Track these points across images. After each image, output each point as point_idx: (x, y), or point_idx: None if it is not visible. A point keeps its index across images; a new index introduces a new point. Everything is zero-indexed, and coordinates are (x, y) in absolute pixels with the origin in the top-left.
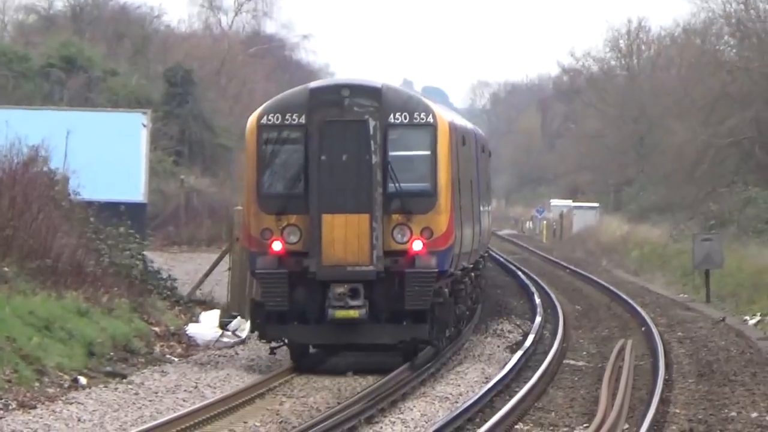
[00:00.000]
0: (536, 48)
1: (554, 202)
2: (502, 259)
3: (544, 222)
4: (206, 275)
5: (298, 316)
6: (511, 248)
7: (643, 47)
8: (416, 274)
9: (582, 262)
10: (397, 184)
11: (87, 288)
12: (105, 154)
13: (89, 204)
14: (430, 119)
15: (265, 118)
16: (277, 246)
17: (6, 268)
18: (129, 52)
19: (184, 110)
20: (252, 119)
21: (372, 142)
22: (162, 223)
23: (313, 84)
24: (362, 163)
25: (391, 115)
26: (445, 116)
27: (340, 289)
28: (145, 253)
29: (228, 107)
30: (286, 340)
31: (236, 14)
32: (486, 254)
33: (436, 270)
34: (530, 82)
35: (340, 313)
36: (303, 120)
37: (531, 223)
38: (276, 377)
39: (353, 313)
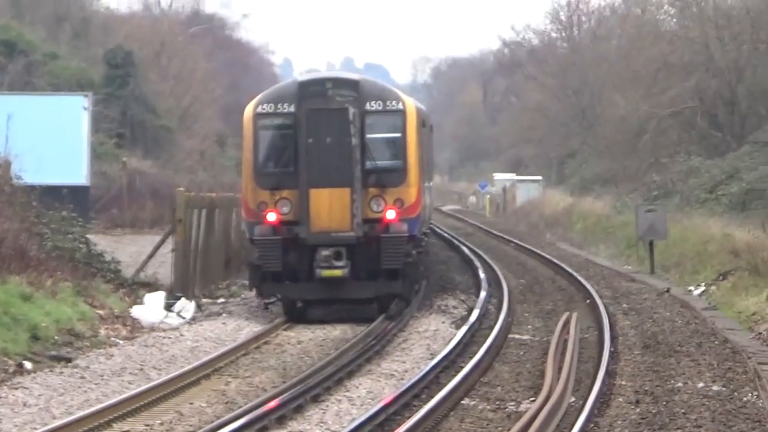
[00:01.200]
0: (477, 22)
1: (497, 176)
2: (446, 235)
3: (488, 196)
4: (150, 257)
5: (290, 276)
6: (454, 223)
7: (583, 18)
8: (390, 239)
9: (526, 236)
10: (373, 162)
11: (30, 272)
12: (47, 138)
13: (32, 188)
14: (400, 106)
15: (260, 107)
16: (271, 216)
17: None
18: (69, 35)
19: (126, 92)
20: (249, 108)
21: (352, 126)
22: (105, 206)
23: (301, 77)
24: (344, 145)
25: (368, 103)
26: (411, 103)
27: (326, 252)
28: (88, 236)
29: (169, 88)
30: (279, 296)
31: None
32: (429, 230)
33: (407, 234)
34: (471, 56)
35: (327, 273)
36: (293, 108)
37: (474, 197)
38: (221, 358)
39: (338, 272)
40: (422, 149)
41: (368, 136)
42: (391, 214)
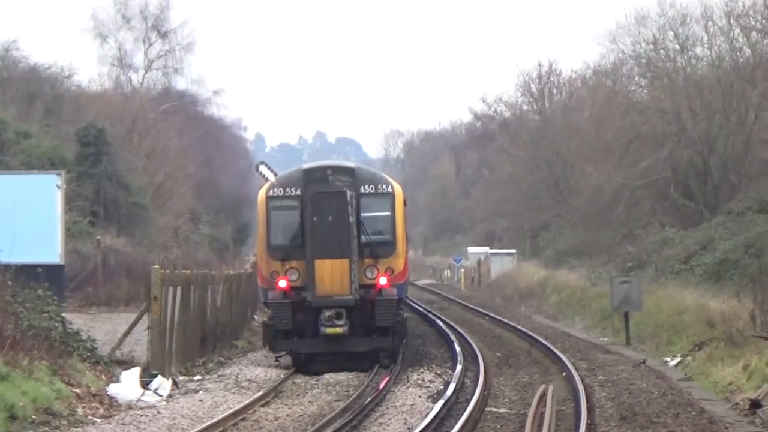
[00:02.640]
0: (449, 95)
1: (471, 249)
2: (421, 309)
3: (462, 270)
4: (125, 334)
5: (298, 333)
6: (429, 297)
7: (554, 90)
8: (383, 301)
9: (501, 309)
10: (367, 237)
11: (6, 352)
12: (20, 217)
13: (6, 267)
14: (389, 189)
15: (271, 191)
16: (282, 283)
17: None
18: (41, 113)
19: (98, 170)
20: (262, 192)
21: (349, 207)
22: (80, 284)
23: (306, 166)
24: (343, 222)
25: (362, 187)
26: (398, 186)
27: (329, 313)
28: (64, 314)
29: (142, 165)
30: (288, 351)
31: (146, 71)
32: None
33: (397, 297)
34: (443, 129)
35: (330, 330)
36: (299, 192)
37: (449, 271)
38: None
39: (339, 330)
40: (406, 225)
41: (363, 214)
42: (383, 281)
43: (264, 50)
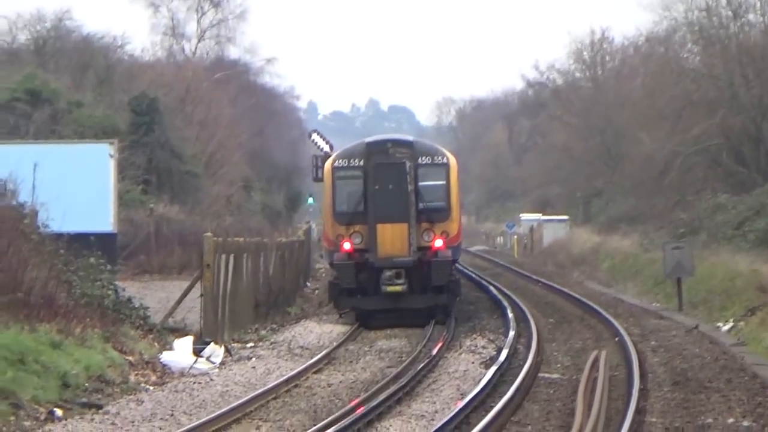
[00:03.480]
0: (501, 62)
1: (524, 216)
2: (474, 276)
3: (515, 236)
4: (178, 302)
5: (361, 291)
6: (482, 264)
7: (607, 58)
8: (438, 262)
9: (554, 275)
10: (424, 203)
11: (59, 320)
12: (73, 186)
13: (59, 236)
14: (445, 160)
15: (337, 162)
16: (347, 246)
17: None
18: (93, 83)
19: (151, 139)
20: (328, 163)
21: (408, 176)
22: (132, 252)
23: (368, 139)
24: (402, 190)
25: (420, 158)
26: (452, 157)
27: (389, 273)
28: (116, 282)
29: (194, 134)
30: (351, 308)
31: (199, 41)
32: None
33: (451, 259)
34: (496, 97)
35: (390, 288)
36: (362, 163)
37: (502, 238)
38: (251, 402)
39: (398, 288)
40: (460, 193)
41: (420, 183)
42: (438, 243)
43: (316, 18)
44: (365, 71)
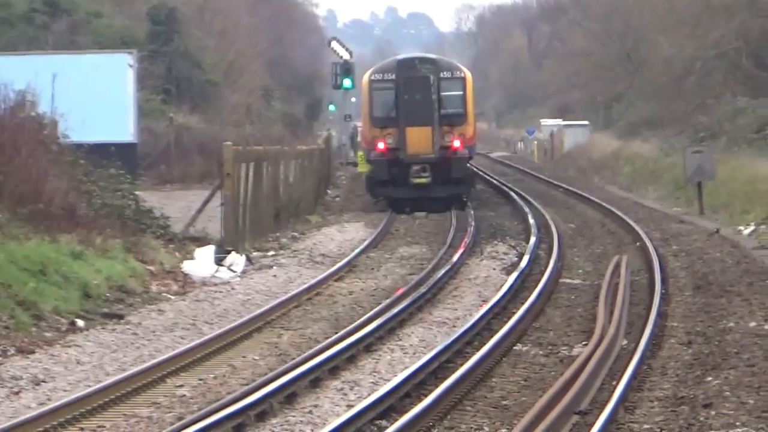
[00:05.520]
0: None
1: (544, 122)
2: (495, 181)
3: (535, 142)
4: (199, 211)
5: (393, 183)
6: (503, 170)
7: None
8: (457, 159)
9: (574, 181)
10: (445, 110)
11: (80, 230)
12: (93, 96)
13: (79, 146)
14: (462, 74)
15: (373, 75)
16: (381, 145)
17: None
18: None
19: (170, 48)
20: (365, 76)
21: (432, 88)
22: (153, 162)
23: (399, 57)
24: (427, 99)
25: (441, 73)
26: (468, 72)
27: (417, 167)
28: (137, 192)
29: (213, 43)
30: (384, 197)
31: None
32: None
33: (468, 156)
34: (515, 2)
35: (417, 180)
36: (394, 76)
37: (522, 143)
38: (273, 310)
39: (424, 180)
40: (475, 101)
41: (442, 93)
42: (457, 143)
43: None
44: None
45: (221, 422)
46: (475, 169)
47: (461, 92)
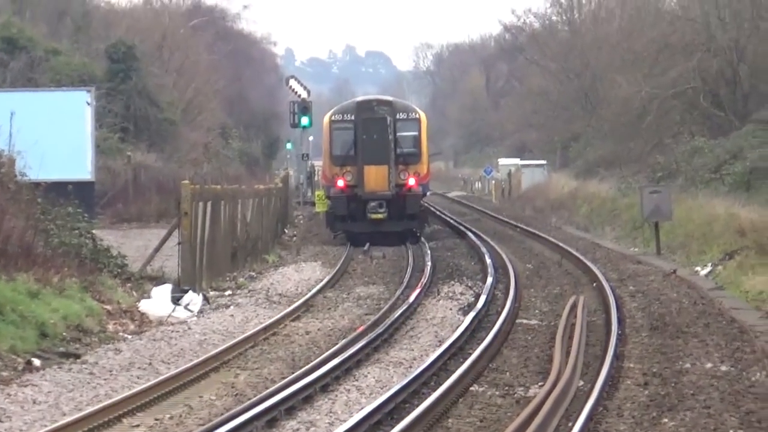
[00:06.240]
0: (477, 7)
1: (502, 161)
2: (452, 221)
3: (493, 182)
4: (156, 250)
5: (351, 217)
6: (460, 210)
7: (583, 1)
8: (412, 195)
9: (532, 220)
10: (401, 149)
11: (37, 269)
12: (50, 134)
13: (36, 185)
14: (416, 116)
15: (333, 116)
16: (340, 182)
17: None
18: (70, 30)
19: (128, 86)
20: (326, 117)
21: (389, 128)
22: (111, 201)
23: (358, 99)
24: (384, 139)
25: (398, 114)
26: (422, 113)
27: (374, 203)
28: (94, 231)
29: (172, 81)
30: (343, 231)
31: None
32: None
33: (421, 193)
34: (473, 41)
35: (374, 215)
36: (353, 117)
37: (480, 183)
38: (230, 350)
39: (380, 215)
40: (428, 141)
41: (398, 134)
42: (411, 181)
43: None
44: (341, 17)
45: None
46: (430, 206)
47: (416, 133)
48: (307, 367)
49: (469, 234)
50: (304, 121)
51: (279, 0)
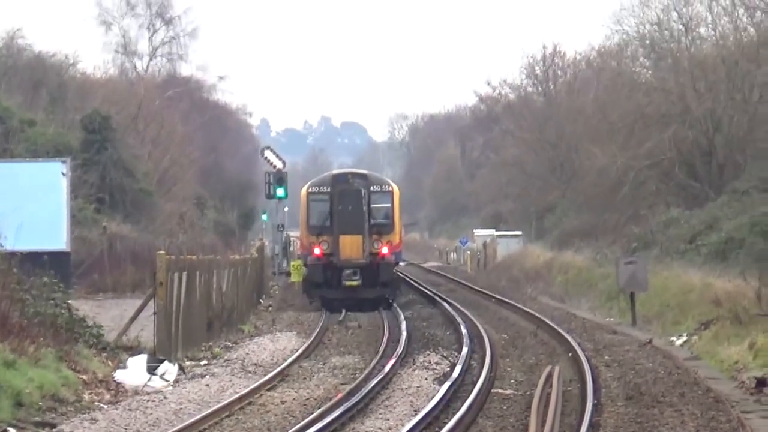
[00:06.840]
0: (453, 79)
1: (477, 231)
2: (428, 292)
3: (468, 252)
4: (131, 320)
5: (327, 285)
6: (436, 280)
7: (559, 72)
8: (385, 263)
9: (507, 291)
10: (375, 220)
11: (13, 339)
12: (26, 204)
13: (12, 255)
14: (390, 188)
15: (310, 188)
16: (317, 251)
17: None
18: (46, 101)
19: (104, 157)
20: (303, 189)
21: (363, 200)
22: (86, 271)
23: (334, 172)
24: (359, 210)
25: (372, 186)
26: (395, 186)
27: (348, 271)
28: (70, 301)
29: (147, 152)
30: (319, 298)
31: (151, 58)
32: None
33: (394, 261)
34: (448, 112)
35: (349, 282)
36: (329, 189)
37: (455, 253)
38: (205, 419)
39: (355, 283)
40: (401, 212)
41: (372, 205)
42: (385, 250)
43: (268, 35)
44: (317, 88)
45: None
46: (405, 276)
47: (389, 204)
48: None
49: (445, 304)
50: (280, 192)
51: (255, 71)
